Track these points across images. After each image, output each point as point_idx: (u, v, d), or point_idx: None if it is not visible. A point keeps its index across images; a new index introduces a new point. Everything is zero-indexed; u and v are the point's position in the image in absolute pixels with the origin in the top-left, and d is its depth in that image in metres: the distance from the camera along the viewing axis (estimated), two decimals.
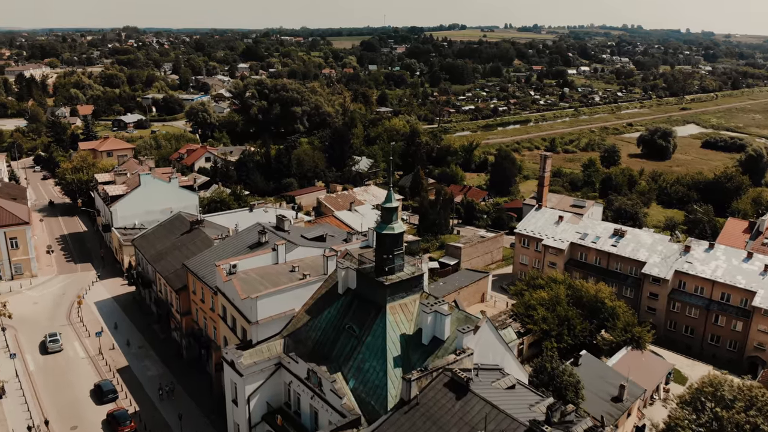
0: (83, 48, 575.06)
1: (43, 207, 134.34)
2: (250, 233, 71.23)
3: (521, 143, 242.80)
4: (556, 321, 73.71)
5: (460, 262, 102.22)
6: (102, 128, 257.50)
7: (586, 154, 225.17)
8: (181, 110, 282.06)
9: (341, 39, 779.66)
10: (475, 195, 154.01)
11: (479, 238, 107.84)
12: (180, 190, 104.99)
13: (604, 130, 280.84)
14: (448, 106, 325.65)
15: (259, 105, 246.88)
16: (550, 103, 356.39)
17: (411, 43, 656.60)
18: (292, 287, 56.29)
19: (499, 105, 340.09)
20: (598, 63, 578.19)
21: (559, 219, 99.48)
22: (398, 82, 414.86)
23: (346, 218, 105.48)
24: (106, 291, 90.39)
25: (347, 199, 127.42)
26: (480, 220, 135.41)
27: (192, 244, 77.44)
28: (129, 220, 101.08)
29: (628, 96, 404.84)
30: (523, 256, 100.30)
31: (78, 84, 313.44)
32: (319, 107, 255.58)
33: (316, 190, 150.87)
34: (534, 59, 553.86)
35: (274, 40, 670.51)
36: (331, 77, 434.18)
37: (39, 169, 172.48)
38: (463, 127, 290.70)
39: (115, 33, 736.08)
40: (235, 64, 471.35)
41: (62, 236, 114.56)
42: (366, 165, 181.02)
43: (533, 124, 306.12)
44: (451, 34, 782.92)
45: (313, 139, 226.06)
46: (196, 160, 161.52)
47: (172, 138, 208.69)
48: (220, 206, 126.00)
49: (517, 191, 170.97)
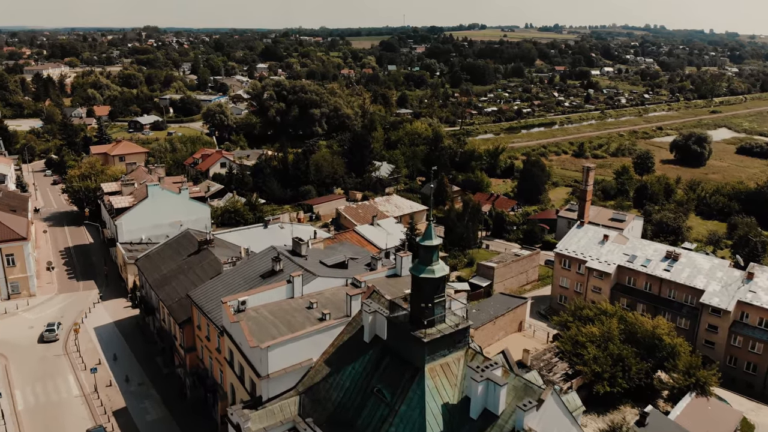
0: (103, 47, 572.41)
1: (49, 215, 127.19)
2: (263, 259, 62.69)
3: (548, 147, 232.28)
4: (609, 361, 64.40)
5: (492, 284, 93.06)
6: (118, 129, 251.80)
7: (617, 160, 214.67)
8: (198, 111, 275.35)
9: (360, 39, 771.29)
10: (504, 204, 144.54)
11: (513, 256, 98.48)
12: (190, 202, 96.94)
13: (633, 134, 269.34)
14: (469, 108, 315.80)
15: (277, 107, 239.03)
16: (575, 105, 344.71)
17: (431, 43, 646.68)
18: (309, 333, 47.60)
19: (522, 107, 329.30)
20: (622, 63, 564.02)
21: (603, 238, 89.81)
22: (418, 83, 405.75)
23: (368, 234, 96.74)
24: (108, 314, 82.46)
25: (368, 210, 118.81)
26: (510, 233, 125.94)
27: (199, 268, 69.13)
28: (135, 235, 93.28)
29: (654, 98, 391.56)
30: (564, 279, 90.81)
31: (95, 84, 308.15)
32: (338, 109, 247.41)
33: (335, 198, 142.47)
34: (556, 59, 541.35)
35: (293, 40, 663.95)
36: (350, 78, 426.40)
37: (50, 173, 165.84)
38: (485, 130, 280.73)
39: (136, 33, 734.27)
40: (254, 64, 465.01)
41: (66, 249, 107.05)
42: (387, 171, 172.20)
43: (558, 127, 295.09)
44: (471, 33, 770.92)
45: (332, 142, 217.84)
46: (211, 166, 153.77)
47: (188, 141, 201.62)
48: (234, 217, 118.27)
49: (546, 199, 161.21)
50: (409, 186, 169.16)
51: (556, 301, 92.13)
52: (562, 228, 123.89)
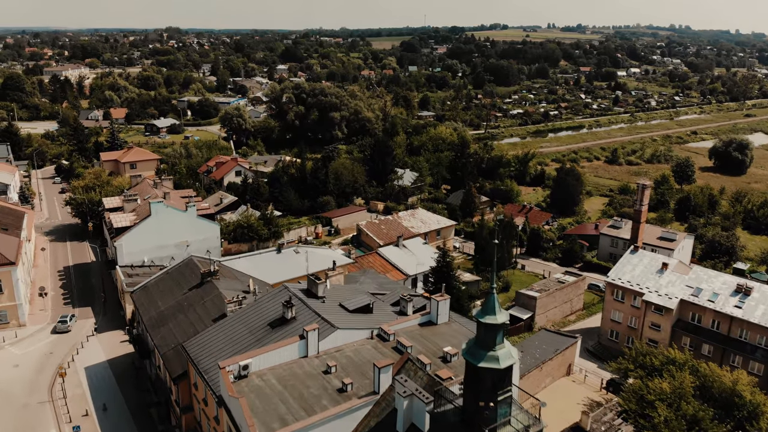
0: (124, 49, 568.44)
1: (52, 228, 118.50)
2: (273, 300, 52.50)
3: (579, 153, 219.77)
4: (683, 425, 53.28)
5: (534, 316, 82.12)
6: (134, 133, 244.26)
7: (653, 167, 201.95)
8: (216, 114, 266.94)
9: (380, 39, 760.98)
10: (538, 217, 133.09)
11: (556, 282, 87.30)
12: (198, 220, 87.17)
13: (666, 139, 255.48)
14: (494, 110, 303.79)
15: (296, 110, 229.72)
16: (603, 107, 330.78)
17: (452, 44, 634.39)
18: (325, 419, 37.26)
19: (548, 109, 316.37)
20: (649, 64, 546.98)
21: (662, 267, 78.35)
22: (440, 84, 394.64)
23: (393, 257, 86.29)
24: (102, 350, 72.96)
25: (391, 226, 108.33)
26: (548, 252, 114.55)
27: (201, 306, 59.22)
28: (137, 257, 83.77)
29: (685, 100, 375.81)
30: (616, 312, 79.47)
31: (113, 86, 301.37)
32: (358, 112, 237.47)
33: (356, 211, 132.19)
34: (581, 60, 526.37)
35: (314, 41, 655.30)
36: (371, 79, 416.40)
37: (59, 181, 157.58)
38: (511, 133, 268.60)
39: (158, 34, 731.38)
40: (274, 66, 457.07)
41: (66, 269, 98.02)
42: (410, 179, 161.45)
43: (587, 131, 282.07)
44: (492, 33, 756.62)
45: (352, 147, 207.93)
46: (225, 174, 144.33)
47: (204, 146, 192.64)
48: (247, 232, 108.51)
49: (582, 211, 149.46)
50: (433, 195, 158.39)
51: (606, 336, 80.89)
52: (604, 247, 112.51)
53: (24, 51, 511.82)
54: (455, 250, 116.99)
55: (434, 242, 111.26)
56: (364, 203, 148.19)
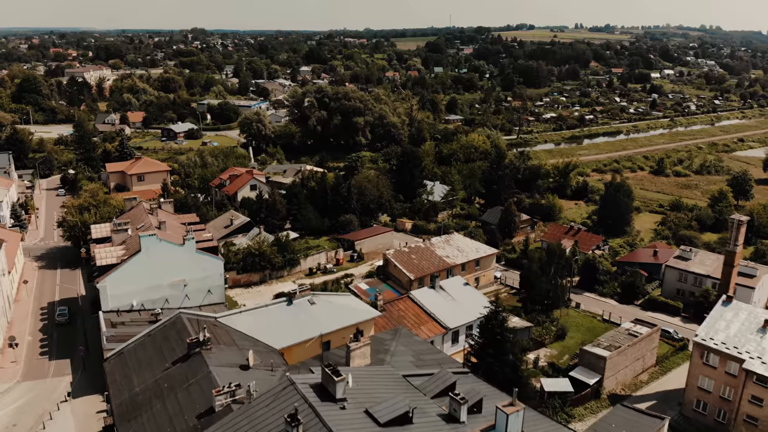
0: (148, 50, 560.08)
1: (45, 252, 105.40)
2: (276, 402, 37.67)
3: (621, 162, 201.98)
4: None
5: (602, 379, 66.37)
6: (151, 138, 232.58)
7: (702, 179, 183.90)
8: (236, 118, 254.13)
9: (405, 40, 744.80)
10: (587, 241, 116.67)
11: (627, 335, 71.17)
12: (198, 255, 72.87)
13: (712, 147, 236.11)
14: (526, 114, 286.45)
15: (318, 115, 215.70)
16: (641, 111, 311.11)
17: (478, 44, 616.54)
18: None
19: (583, 113, 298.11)
20: (682, 66, 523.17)
21: (764, 324, 62.11)
22: (467, 86, 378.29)
23: (429, 303, 71.07)
24: (73, 424, 58.93)
25: (423, 255, 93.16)
26: (605, 286, 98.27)
27: (184, 393, 44.78)
28: (124, 300, 69.80)
29: (726, 104, 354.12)
30: (706, 380, 63.36)
31: (132, 88, 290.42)
32: (383, 117, 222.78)
33: (381, 232, 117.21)
34: (612, 61, 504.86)
35: (338, 42, 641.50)
36: (395, 80, 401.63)
37: (63, 193, 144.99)
38: (545, 139, 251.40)
39: (182, 35, 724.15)
40: (297, 67, 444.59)
41: (50, 305, 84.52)
42: (440, 192, 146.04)
43: (625, 137, 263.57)
44: (519, 34, 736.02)
45: (377, 156, 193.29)
46: (239, 189, 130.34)
47: (220, 154, 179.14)
48: (258, 261, 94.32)
49: (634, 232, 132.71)
50: (466, 211, 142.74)
51: (692, 407, 64.83)
52: (671, 282, 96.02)
53: (48, 52, 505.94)
54: (495, 281, 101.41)
55: (472, 273, 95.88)
56: (390, 221, 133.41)
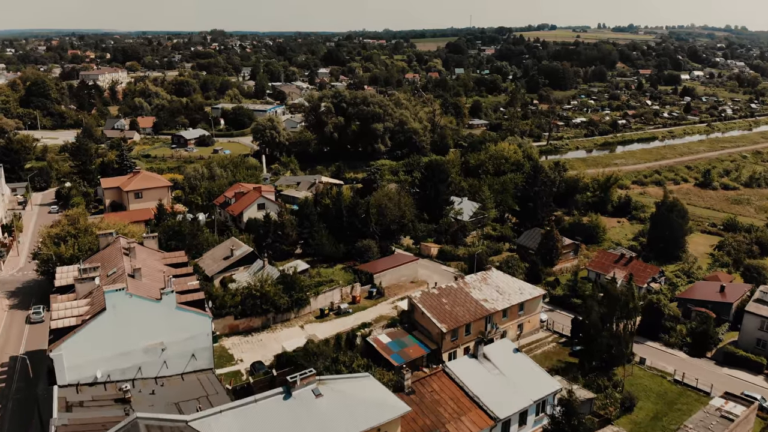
0: (165, 52, 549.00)
1: (20, 285, 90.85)
2: None
3: (662, 173, 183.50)
4: None
5: None
6: (160, 144, 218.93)
7: (753, 193, 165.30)
8: (250, 124, 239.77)
9: (425, 41, 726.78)
10: (641, 272, 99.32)
11: (720, 418, 54.48)
12: (179, 313, 57.39)
13: (757, 156, 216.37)
14: (555, 118, 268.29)
15: (334, 121, 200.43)
16: (675, 116, 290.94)
17: (500, 44, 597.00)
18: None
19: (614, 116, 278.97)
20: (711, 67, 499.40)
21: None
22: (491, 88, 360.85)
23: (471, 381, 54.67)
24: None
25: (456, 298, 76.84)
26: (672, 335, 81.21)
27: None
28: (86, 371, 54.55)
29: (763, 108, 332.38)
30: None
31: (144, 92, 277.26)
32: (404, 123, 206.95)
33: (404, 262, 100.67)
34: (639, 62, 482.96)
35: (356, 44, 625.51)
36: (416, 83, 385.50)
37: (56, 210, 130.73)
38: (577, 146, 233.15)
39: (202, 36, 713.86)
40: (315, 69, 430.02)
41: (12, 360, 69.77)
42: (469, 210, 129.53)
43: (660, 143, 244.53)
44: (541, 34, 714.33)
45: (398, 166, 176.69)
46: (245, 208, 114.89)
47: (230, 164, 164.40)
48: (260, 304, 78.81)
49: (689, 258, 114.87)
50: (498, 232, 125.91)
51: None
52: (750, 330, 78.56)
53: (66, 53, 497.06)
54: (542, 325, 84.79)
55: (515, 319, 79.50)
56: (414, 244, 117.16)
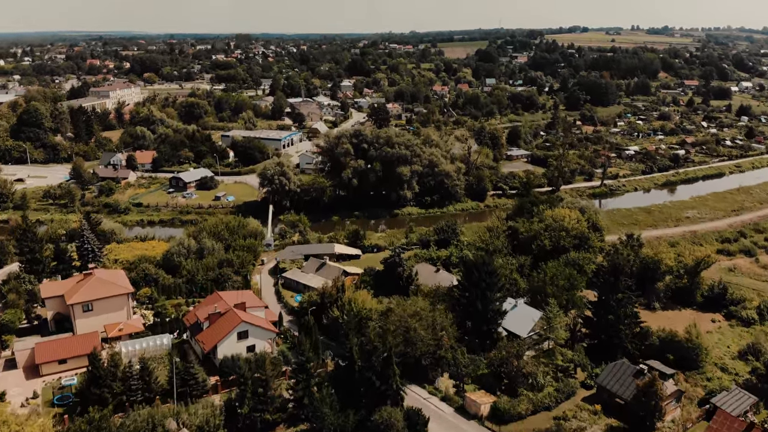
0: (185, 61, 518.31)
1: None
2: None
3: (747, 235, 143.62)
4: None
5: None
6: (156, 188, 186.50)
7: None
8: (261, 158, 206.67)
9: (453, 45, 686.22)
10: None
11: None
12: None
13: None
14: (606, 149, 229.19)
15: (354, 165, 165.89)
16: (739, 143, 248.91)
17: (532, 51, 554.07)
18: None
19: (672, 144, 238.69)
20: (759, 76, 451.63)
21: None
22: (527, 105, 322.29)
23: None
24: None
25: None
26: None
27: None
28: None
29: None
30: None
31: (148, 119, 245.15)
32: (434, 165, 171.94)
33: None
34: (683, 71, 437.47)
35: (382, 51, 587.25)
36: (444, 97, 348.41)
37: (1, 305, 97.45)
38: (635, 186, 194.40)
39: (225, 42, 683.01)
40: (339, 81, 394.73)
41: None
42: (528, 324, 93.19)
43: (728, 180, 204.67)
44: (573, 37, 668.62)
45: (431, 243, 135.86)
46: (221, 340, 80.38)
47: (225, 230, 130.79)
48: None
49: None
50: (565, 361, 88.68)
51: None
52: None
53: (84, 64, 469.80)
54: None
55: None
56: (455, 391, 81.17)
